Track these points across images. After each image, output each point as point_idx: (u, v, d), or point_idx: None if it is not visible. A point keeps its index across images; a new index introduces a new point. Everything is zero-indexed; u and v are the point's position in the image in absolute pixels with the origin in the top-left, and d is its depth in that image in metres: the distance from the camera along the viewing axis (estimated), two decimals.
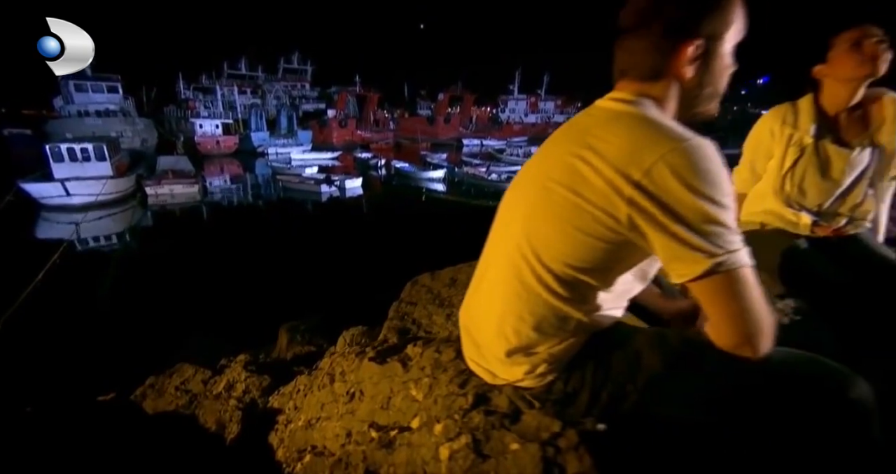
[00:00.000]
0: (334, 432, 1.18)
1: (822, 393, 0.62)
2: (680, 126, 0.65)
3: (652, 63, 0.69)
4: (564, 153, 0.69)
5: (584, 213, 0.66)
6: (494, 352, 0.77)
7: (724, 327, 0.63)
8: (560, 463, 0.76)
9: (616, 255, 0.68)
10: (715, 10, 0.67)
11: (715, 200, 0.59)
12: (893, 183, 1.39)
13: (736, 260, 0.60)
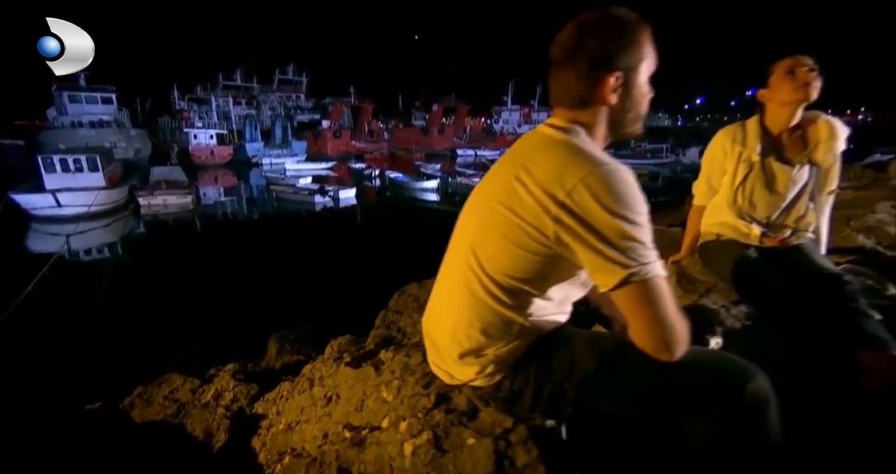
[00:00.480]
0: (312, 434, 1.25)
1: (725, 386, 0.70)
2: (601, 152, 0.74)
3: (581, 92, 0.79)
4: (507, 174, 0.78)
5: (519, 230, 0.75)
6: (451, 355, 0.85)
7: (642, 332, 0.71)
8: (510, 456, 0.84)
9: (550, 267, 0.77)
10: (630, 46, 0.77)
11: (628, 219, 0.68)
12: (830, 197, 1.50)
13: (648, 271, 0.68)
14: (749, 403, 0.68)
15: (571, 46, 0.78)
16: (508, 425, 0.87)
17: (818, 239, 1.51)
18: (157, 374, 2.52)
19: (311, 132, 41.81)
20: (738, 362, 0.74)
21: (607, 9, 0.78)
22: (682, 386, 0.73)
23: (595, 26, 0.77)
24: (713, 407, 0.71)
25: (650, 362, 0.72)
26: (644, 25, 0.78)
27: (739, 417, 0.69)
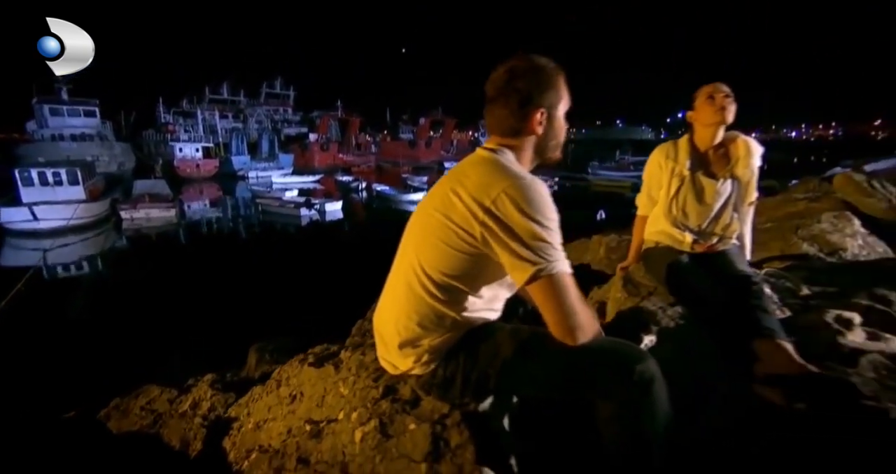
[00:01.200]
0: (278, 430, 1.33)
1: (618, 367, 0.83)
2: (522, 169, 0.90)
3: (513, 124, 0.95)
4: (445, 187, 0.92)
5: (452, 233, 0.88)
6: (393, 346, 0.96)
7: (551, 321, 0.84)
8: (445, 438, 0.95)
9: (478, 266, 0.90)
10: (551, 88, 0.94)
11: (540, 223, 0.82)
12: (751, 207, 1.67)
13: (554, 267, 0.82)
14: (637, 382, 0.81)
15: (504, 87, 0.94)
16: (445, 411, 0.98)
17: (743, 244, 1.67)
18: (135, 386, 2.54)
19: (298, 145, 41.87)
20: (630, 347, 0.87)
21: (533, 57, 0.95)
22: (584, 368, 0.85)
23: (523, 71, 0.93)
24: (610, 387, 0.83)
25: (559, 348, 0.85)
26: (561, 71, 0.95)
27: (630, 394, 0.81)
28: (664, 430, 0.83)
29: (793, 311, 1.51)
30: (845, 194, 3.63)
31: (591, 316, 0.86)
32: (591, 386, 0.85)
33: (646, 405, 0.82)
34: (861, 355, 1.24)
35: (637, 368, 0.81)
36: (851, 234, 3.08)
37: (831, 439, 0.94)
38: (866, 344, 1.28)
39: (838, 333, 1.31)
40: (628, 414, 0.82)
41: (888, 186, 3.55)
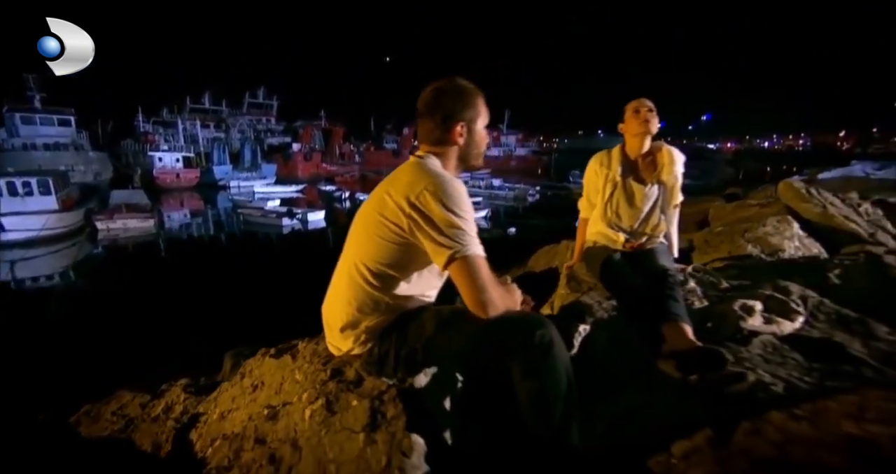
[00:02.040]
0: (240, 418, 1.44)
1: (521, 334, 0.96)
2: (442, 171, 1.06)
3: (438, 136, 1.12)
4: (381, 190, 1.09)
5: (384, 227, 1.04)
6: (336, 330, 1.10)
7: (466, 296, 0.98)
8: (382, 411, 1.08)
9: (407, 255, 1.05)
10: (471, 106, 1.12)
11: (455, 213, 0.97)
12: (676, 210, 1.86)
13: (468, 250, 0.97)
14: (538, 345, 0.95)
15: (430, 104, 1.11)
16: (383, 388, 1.11)
17: (670, 243, 1.86)
18: (107, 393, 2.56)
19: (281, 155, 41.67)
20: (532, 317, 1.02)
21: (456, 79, 1.13)
22: (494, 337, 0.99)
23: (447, 91, 1.11)
24: (516, 351, 0.97)
25: (473, 321, 0.99)
26: (480, 92, 1.14)
27: (532, 356, 0.95)
28: (566, 387, 0.97)
29: (710, 302, 1.69)
30: (787, 200, 3.91)
31: (502, 292, 1.01)
32: (501, 352, 0.99)
33: (547, 365, 0.96)
34: (756, 336, 1.42)
35: (537, 333, 0.95)
36: (790, 237, 3.34)
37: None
38: (762, 327, 1.46)
39: (741, 319, 1.49)
40: (532, 373, 0.96)
41: (823, 193, 3.85)
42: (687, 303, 1.71)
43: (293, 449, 1.13)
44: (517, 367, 0.98)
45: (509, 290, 1.09)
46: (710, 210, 5.51)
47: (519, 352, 0.97)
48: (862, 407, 0.94)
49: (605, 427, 1.22)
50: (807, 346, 1.38)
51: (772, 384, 1.14)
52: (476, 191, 28.54)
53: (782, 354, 1.33)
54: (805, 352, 1.35)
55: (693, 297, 1.74)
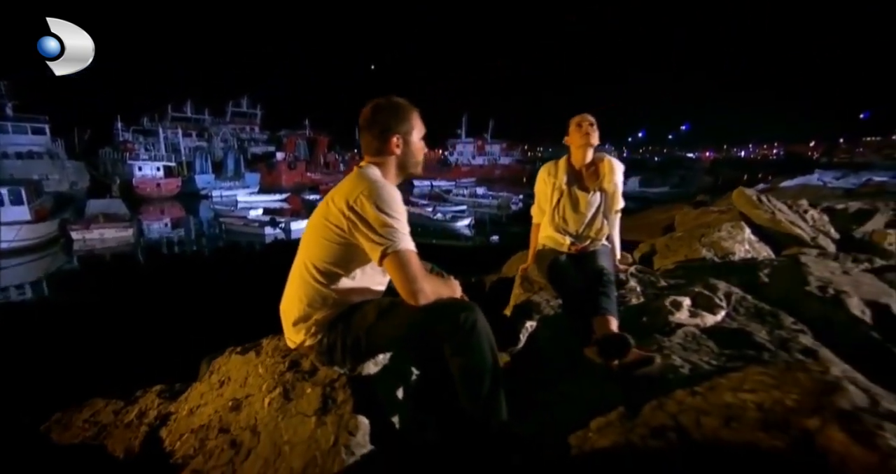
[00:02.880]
0: (208, 412, 1.53)
1: (449, 317, 1.09)
2: (379, 178, 1.20)
3: (377, 147, 1.26)
4: (328, 198, 1.22)
5: (329, 230, 1.17)
6: (290, 324, 1.22)
7: (399, 287, 1.11)
8: (333, 397, 1.19)
9: (349, 253, 1.18)
10: (405, 120, 1.26)
11: (388, 214, 1.10)
12: (618, 215, 2.03)
13: (398, 246, 1.09)
14: (463, 326, 1.08)
15: (370, 119, 1.25)
16: (334, 376, 1.23)
17: (613, 245, 2.03)
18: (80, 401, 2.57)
19: (265, 164, 41.40)
20: (458, 302, 1.15)
21: (392, 97, 1.28)
22: (425, 321, 1.12)
23: (383, 107, 1.25)
24: (445, 333, 1.10)
25: (408, 309, 1.12)
26: (414, 108, 1.28)
27: (459, 336, 1.08)
28: (490, 362, 1.11)
29: (646, 299, 1.86)
30: (740, 207, 4.16)
31: (434, 283, 1.14)
32: (433, 335, 1.12)
33: (472, 343, 1.09)
34: (680, 328, 1.58)
35: (462, 316, 1.08)
36: (741, 241, 3.56)
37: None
38: (687, 320, 1.63)
39: (670, 313, 1.66)
40: (460, 351, 1.10)
41: (773, 200, 4.10)
42: (625, 300, 1.88)
43: (252, 434, 1.24)
44: (448, 347, 1.11)
45: (445, 282, 1.23)
46: (676, 216, 5.76)
47: (448, 333, 1.10)
48: (742, 381, 1.10)
49: (541, 409, 1.36)
50: (722, 335, 1.55)
51: (681, 366, 1.30)
52: (461, 199, 28.82)
53: (699, 343, 1.49)
54: (719, 340, 1.52)
55: (632, 295, 1.90)
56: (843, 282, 1.83)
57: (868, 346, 1.58)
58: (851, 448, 0.83)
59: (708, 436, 0.99)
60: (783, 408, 0.99)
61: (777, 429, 0.94)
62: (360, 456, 1.08)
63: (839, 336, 1.65)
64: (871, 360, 1.50)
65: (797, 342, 1.48)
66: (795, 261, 2.07)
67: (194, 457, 1.31)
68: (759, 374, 1.11)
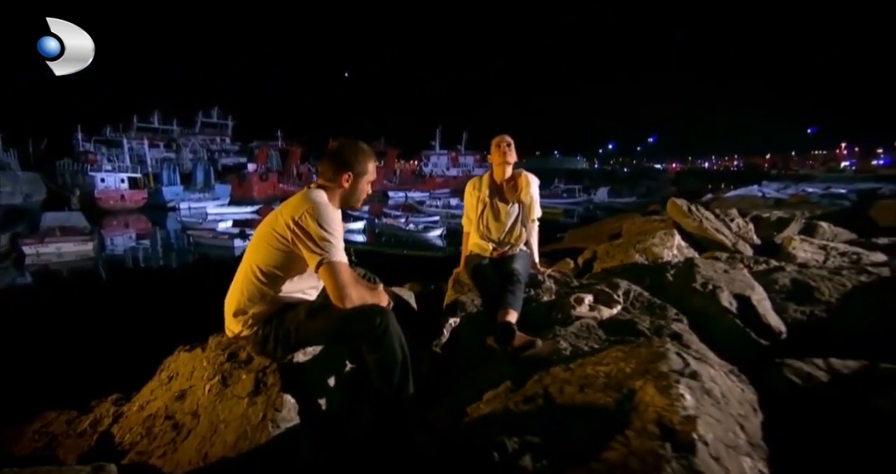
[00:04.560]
0: (157, 406, 1.68)
1: (365, 319, 1.31)
2: (324, 200, 1.40)
3: (330, 177, 1.48)
4: (277, 211, 1.44)
5: (274, 238, 1.37)
6: (230, 315, 1.41)
7: (330, 293, 1.33)
8: (264, 381, 1.38)
9: (289, 259, 1.39)
10: (360, 163, 1.49)
11: (327, 231, 1.32)
12: (535, 224, 2.31)
13: (332, 257, 1.31)
14: (377, 327, 1.30)
15: (334, 152, 1.49)
16: (267, 364, 1.43)
17: (531, 250, 2.30)
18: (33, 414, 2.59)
19: (236, 176, 40.68)
20: (374, 307, 1.37)
21: (359, 142, 1.52)
22: (346, 322, 1.33)
23: (346, 147, 1.49)
24: (361, 333, 1.32)
25: (334, 311, 1.33)
26: (372, 155, 1.53)
27: (373, 336, 1.31)
28: (401, 357, 1.33)
29: (557, 296, 2.13)
30: (672, 215, 4.57)
31: (361, 291, 1.36)
32: (352, 333, 1.34)
33: (385, 342, 1.31)
34: (578, 319, 1.84)
35: (376, 319, 1.31)
36: (670, 246, 3.93)
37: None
38: (586, 313, 1.90)
39: (573, 307, 1.92)
40: (374, 349, 1.32)
41: (701, 210, 4.54)
42: (539, 298, 2.15)
43: (193, 417, 1.41)
44: (364, 346, 1.34)
45: (372, 289, 1.45)
46: (623, 225, 6.17)
47: (363, 333, 1.32)
48: (603, 358, 1.35)
49: (457, 392, 1.58)
50: (613, 326, 1.83)
51: (564, 349, 1.56)
52: (434, 210, 29.15)
53: (590, 331, 1.75)
54: (609, 329, 1.79)
55: (546, 293, 2.17)
56: (721, 279, 2.15)
57: (732, 329, 1.89)
58: (655, 398, 1.10)
59: (566, 400, 1.24)
60: (623, 375, 1.25)
61: (613, 390, 1.20)
62: (284, 429, 1.28)
63: (712, 322, 1.96)
64: (737, 340, 1.82)
65: (669, 328, 1.77)
66: (691, 263, 2.39)
67: (140, 442, 1.46)
68: (616, 352, 1.38)
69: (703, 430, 0.98)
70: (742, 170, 79.56)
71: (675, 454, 0.91)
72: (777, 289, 2.51)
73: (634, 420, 1.06)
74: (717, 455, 0.95)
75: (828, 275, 2.62)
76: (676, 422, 1.00)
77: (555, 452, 1.03)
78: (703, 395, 1.16)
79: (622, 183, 56.34)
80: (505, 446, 1.06)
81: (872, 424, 1.13)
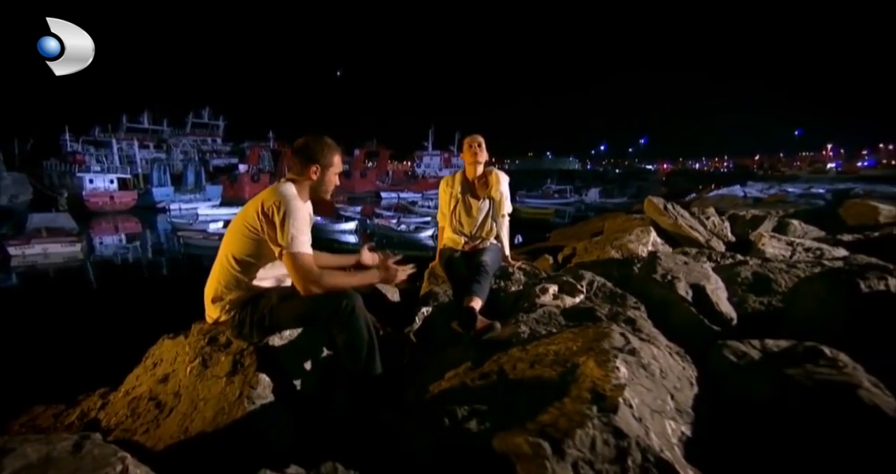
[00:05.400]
0: (141, 390, 1.77)
1: (333, 303, 1.43)
2: (292, 193, 1.51)
3: (298, 170, 1.59)
4: (249, 203, 1.54)
5: (246, 228, 1.48)
6: (209, 301, 1.51)
7: (293, 280, 1.44)
8: (242, 361, 1.49)
9: (260, 248, 1.50)
10: (325, 156, 1.60)
11: (291, 223, 1.42)
12: (505, 219, 2.44)
13: (294, 247, 1.42)
14: (343, 310, 1.41)
15: (301, 147, 1.60)
16: (245, 346, 1.53)
17: (502, 244, 2.42)
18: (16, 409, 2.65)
19: (227, 177, 40.50)
20: (342, 292, 1.48)
21: (324, 137, 1.62)
22: (316, 306, 1.44)
23: (312, 142, 1.60)
24: (330, 316, 1.43)
25: (302, 297, 1.44)
26: (336, 149, 1.63)
27: (341, 318, 1.42)
28: (367, 337, 1.44)
29: (525, 287, 2.25)
30: (649, 213, 4.73)
31: (332, 276, 1.47)
32: (321, 316, 1.45)
33: (351, 324, 1.42)
34: (542, 307, 1.97)
35: (343, 302, 1.42)
36: (645, 243, 4.08)
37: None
38: (549, 301, 2.02)
39: (537, 296, 2.04)
40: (342, 330, 1.43)
41: (677, 208, 4.69)
42: (508, 288, 2.27)
43: (175, 396, 1.51)
44: (333, 327, 1.44)
45: (348, 274, 1.56)
46: (605, 223, 6.33)
47: (331, 316, 1.43)
48: (556, 339, 1.48)
49: (425, 373, 1.69)
50: (574, 313, 1.95)
51: (523, 332, 1.68)
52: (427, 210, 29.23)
53: (551, 318, 1.88)
54: (569, 316, 1.91)
55: (515, 284, 2.29)
56: (680, 270, 2.29)
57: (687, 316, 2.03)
58: (594, 370, 1.22)
59: (517, 375, 1.36)
60: (570, 352, 1.38)
61: (559, 365, 1.32)
62: (259, 405, 1.38)
63: (669, 309, 2.09)
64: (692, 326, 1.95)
65: (625, 315, 1.89)
66: (654, 256, 2.53)
67: (125, 421, 1.55)
68: (568, 333, 1.50)
69: (629, 395, 1.10)
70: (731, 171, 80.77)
71: (599, 414, 1.03)
72: (739, 281, 2.66)
73: (573, 389, 1.18)
74: (641, 416, 1.08)
75: (786, 269, 2.77)
76: (607, 389, 1.12)
77: (499, 418, 1.15)
78: (638, 369, 1.29)
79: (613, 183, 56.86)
80: (455, 413, 1.17)
81: (786, 391, 1.26)
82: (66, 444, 1.03)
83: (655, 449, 1.00)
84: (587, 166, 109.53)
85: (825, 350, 1.41)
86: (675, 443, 1.10)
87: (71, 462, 0.98)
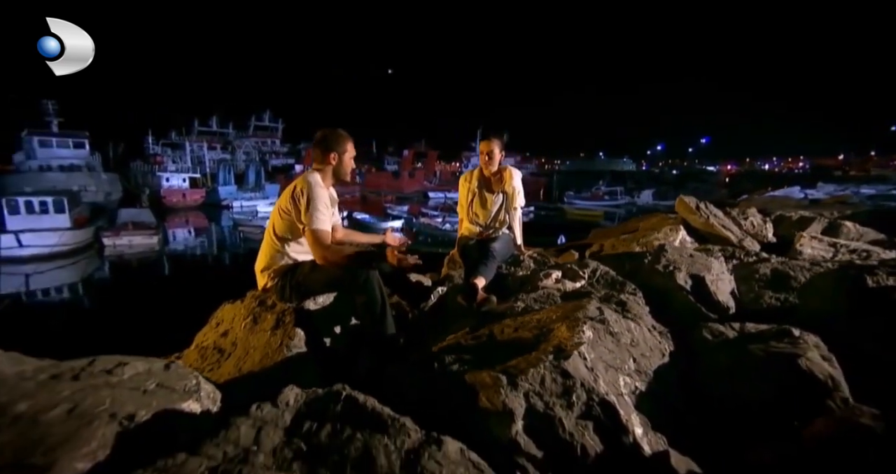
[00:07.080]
0: (207, 343, 2.19)
1: (352, 274, 1.74)
2: (317, 180, 1.86)
3: (321, 159, 1.94)
4: (286, 189, 1.89)
5: (282, 209, 1.85)
6: (259, 271, 1.89)
7: (312, 252, 1.78)
8: (283, 319, 1.85)
9: (295, 227, 1.85)
10: (340, 144, 1.94)
11: (314, 205, 1.77)
12: (517, 211, 2.65)
13: (314, 224, 1.76)
14: (361, 280, 1.73)
15: (319, 139, 1.95)
16: (286, 308, 1.89)
17: (514, 234, 2.65)
18: None
19: (284, 176, 43.13)
20: (362, 267, 1.79)
21: (337, 129, 1.96)
22: (340, 275, 1.77)
23: (329, 134, 1.95)
24: (351, 284, 1.75)
25: (328, 268, 1.77)
26: (349, 138, 1.96)
27: (360, 286, 1.73)
28: (380, 299, 1.75)
29: (531, 272, 2.46)
30: (681, 212, 4.69)
31: (338, 250, 1.80)
32: (345, 284, 1.78)
33: (367, 289, 1.73)
34: (544, 289, 2.18)
35: (360, 273, 1.73)
36: (673, 241, 4.10)
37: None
38: (551, 285, 2.23)
39: (541, 280, 2.26)
40: (360, 292, 1.75)
41: (710, 206, 4.62)
42: (518, 274, 2.49)
43: (232, 345, 1.90)
44: (354, 291, 1.77)
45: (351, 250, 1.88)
46: (641, 223, 6.27)
47: (352, 282, 1.76)
48: (549, 316, 1.70)
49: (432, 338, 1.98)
50: (571, 295, 2.14)
51: (518, 307, 1.91)
52: None
53: (548, 298, 2.09)
54: (566, 298, 2.11)
55: (523, 270, 2.51)
56: (682, 262, 2.40)
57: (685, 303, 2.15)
58: (563, 332, 1.44)
59: (503, 337, 1.61)
60: (549, 320, 1.60)
61: (537, 329, 1.55)
62: (295, 353, 1.72)
63: (669, 297, 2.22)
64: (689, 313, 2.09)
65: (618, 298, 2.06)
66: (661, 249, 2.64)
67: (194, 364, 1.97)
68: (553, 307, 1.72)
69: (585, 350, 1.32)
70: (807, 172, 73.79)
71: (553, 360, 1.25)
72: (757, 277, 2.69)
73: (542, 345, 1.41)
74: (594, 367, 1.29)
75: (808, 267, 2.77)
76: (568, 346, 1.35)
77: (479, 365, 1.40)
78: (606, 335, 1.49)
79: (668, 185, 53.97)
80: (444, 360, 1.44)
81: (741, 360, 1.40)
82: (160, 364, 1.41)
83: (601, 392, 1.22)
84: (642, 167, 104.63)
85: (794, 331, 1.54)
86: (625, 394, 1.30)
87: (163, 374, 1.36)
